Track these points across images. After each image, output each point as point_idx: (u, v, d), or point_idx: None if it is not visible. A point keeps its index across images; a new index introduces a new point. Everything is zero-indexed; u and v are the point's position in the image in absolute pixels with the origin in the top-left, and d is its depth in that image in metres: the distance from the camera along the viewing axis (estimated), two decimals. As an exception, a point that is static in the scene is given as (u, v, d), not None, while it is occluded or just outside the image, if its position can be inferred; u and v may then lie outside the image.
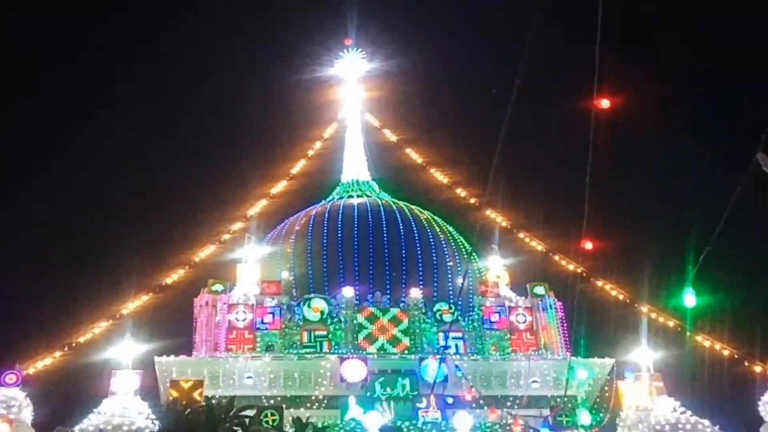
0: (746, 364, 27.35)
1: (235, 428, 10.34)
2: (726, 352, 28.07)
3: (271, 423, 10.75)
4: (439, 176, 37.49)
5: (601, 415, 28.19)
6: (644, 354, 28.23)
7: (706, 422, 24.98)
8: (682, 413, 25.55)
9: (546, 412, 27.82)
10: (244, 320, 29.24)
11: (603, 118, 13.43)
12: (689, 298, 14.45)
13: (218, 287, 30.16)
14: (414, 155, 38.57)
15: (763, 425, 25.46)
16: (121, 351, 26.19)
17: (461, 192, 36.15)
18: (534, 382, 28.59)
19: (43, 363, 26.03)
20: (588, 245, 17.07)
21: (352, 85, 40.85)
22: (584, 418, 27.02)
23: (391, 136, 39.66)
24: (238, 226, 33.96)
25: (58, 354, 26.72)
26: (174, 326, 29.52)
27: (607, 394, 28.43)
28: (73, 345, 27.16)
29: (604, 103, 13.54)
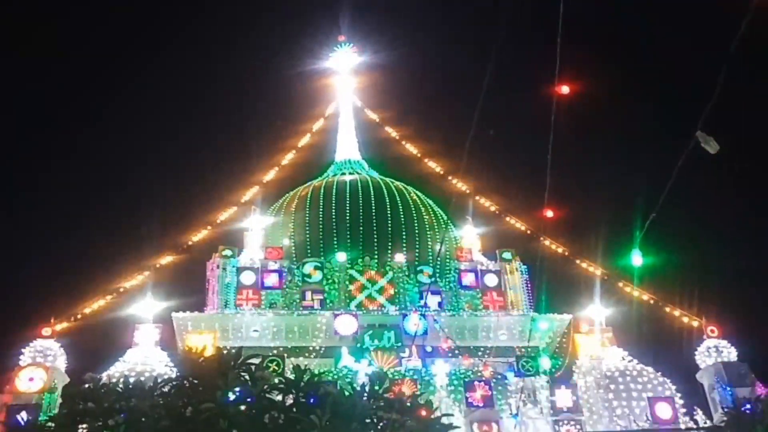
0: (685, 319, 27.38)
1: (243, 374, 10.00)
2: (668, 309, 28.08)
3: (273, 370, 10.51)
4: (433, 165, 37.43)
5: (560, 362, 28.28)
6: (597, 310, 28.26)
7: (650, 369, 25.04)
8: (629, 362, 25.62)
9: (512, 359, 27.88)
10: (250, 281, 29.27)
11: (564, 100, 13.29)
12: (636, 259, 14.36)
13: (228, 252, 30.25)
14: (410, 147, 38.50)
15: (699, 372, 25.51)
16: (143, 307, 26.13)
17: (446, 174, 35.92)
18: (502, 334, 28.69)
19: (74, 318, 25.79)
20: (549, 214, 16.90)
21: (344, 77, 40.94)
22: (545, 364, 27.05)
23: (389, 128, 39.28)
24: (247, 196, 33.73)
25: (87, 310, 26.50)
26: (189, 286, 29.46)
27: (565, 345, 28.54)
28: (101, 302, 26.92)
29: (564, 89, 13.39)
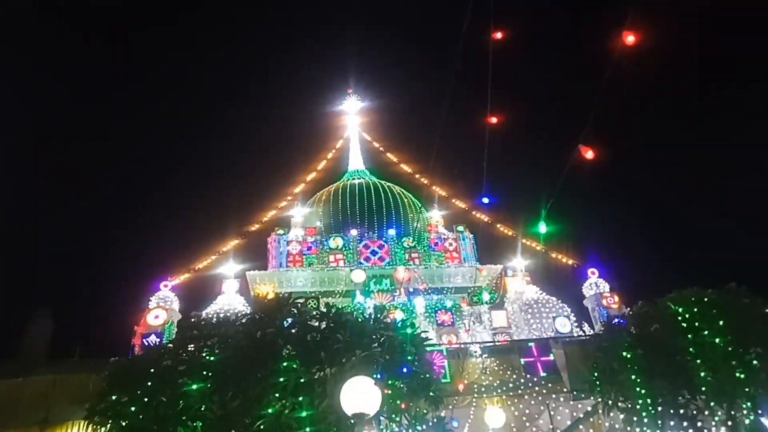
0: (576, 265, 27.48)
1: (292, 309, 9.95)
2: (564, 259, 28.16)
3: (312, 306, 10.52)
4: (406, 168, 37.30)
5: (495, 296, 28.28)
6: (519, 262, 28.31)
7: (554, 298, 25.02)
8: (541, 294, 25.59)
9: (465, 295, 27.96)
10: (296, 250, 29.20)
11: (494, 127, 13.29)
12: (542, 227, 14.35)
13: (281, 231, 30.14)
14: (397, 161, 38.32)
15: (585, 299, 25.57)
16: (227, 268, 26.11)
17: (421, 178, 35.93)
18: (458, 279, 28.67)
19: (183, 275, 25.83)
20: (485, 200, 16.88)
21: (352, 116, 40.86)
22: (485, 297, 27.15)
23: (382, 148, 39.29)
24: (292, 195, 33.76)
25: (192, 271, 26.51)
26: (256, 254, 29.41)
27: (498, 285, 28.53)
28: (200, 265, 26.96)
29: (493, 120, 13.31)
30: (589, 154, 9.98)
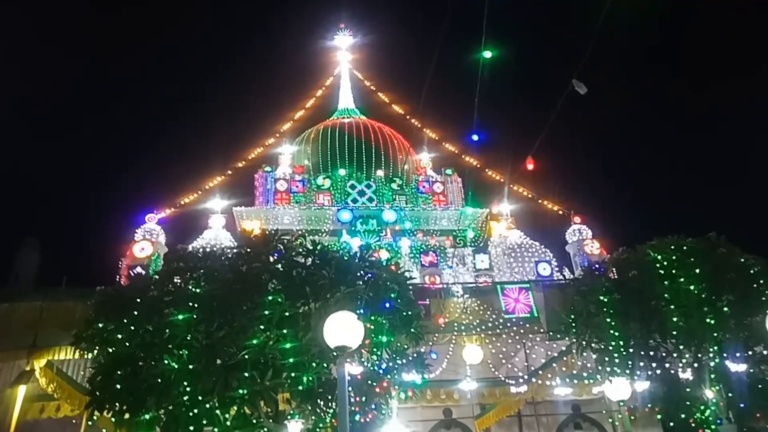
0: (561, 212, 27.72)
1: (279, 244, 9.96)
2: (549, 204, 28.39)
3: (299, 243, 10.56)
4: (397, 108, 36.69)
5: (479, 234, 28.65)
6: (504, 206, 28.50)
7: (537, 243, 25.37)
8: (524, 239, 25.91)
9: (450, 237, 28.23)
10: (283, 187, 29.06)
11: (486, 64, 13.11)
12: (530, 162, 14.31)
13: (268, 168, 29.91)
14: (387, 99, 37.53)
15: (567, 245, 25.95)
16: (215, 203, 25.98)
17: (411, 119, 35.39)
18: (444, 221, 28.89)
19: (169, 209, 25.69)
20: (475, 137, 16.75)
21: (344, 52, 39.76)
22: (470, 235, 27.54)
23: (373, 87, 38.43)
24: (281, 131, 33.19)
25: (179, 205, 26.36)
26: (244, 190, 29.24)
27: (483, 228, 28.84)
28: (187, 199, 26.79)
29: (487, 54, 13.11)
30: (582, 89, 9.88)
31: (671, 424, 13.38)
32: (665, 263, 11.97)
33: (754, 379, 11.53)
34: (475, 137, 15.64)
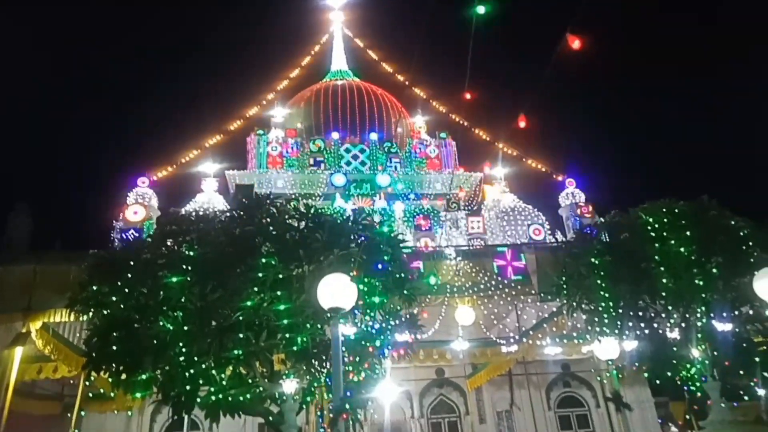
0: (554, 176, 27.76)
1: (272, 208, 9.92)
2: (543, 168, 28.41)
3: (292, 205, 10.52)
4: (389, 68, 36.15)
5: (473, 204, 28.69)
6: (498, 170, 28.47)
7: (530, 206, 25.46)
8: (517, 202, 25.98)
9: (444, 201, 28.27)
10: (276, 151, 28.82)
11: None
12: (522, 120, 14.23)
13: (261, 132, 29.57)
14: (378, 59, 36.92)
15: (560, 208, 26.05)
16: (207, 167, 25.81)
17: (406, 81, 34.93)
18: (438, 185, 28.79)
19: (161, 172, 25.51)
20: (467, 95, 16.54)
21: (336, 12, 39.00)
22: (460, 193, 27.56)
23: (367, 48, 37.69)
24: (274, 94, 32.74)
25: (170, 168, 26.16)
26: (236, 154, 29.01)
27: (477, 192, 28.84)
28: (180, 162, 26.59)
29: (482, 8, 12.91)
30: (576, 44, 9.74)
31: (657, 381, 13.74)
32: (656, 226, 12.03)
33: (738, 339, 11.76)
34: (467, 95, 15.49)
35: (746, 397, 12.83)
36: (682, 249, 11.72)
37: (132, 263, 9.39)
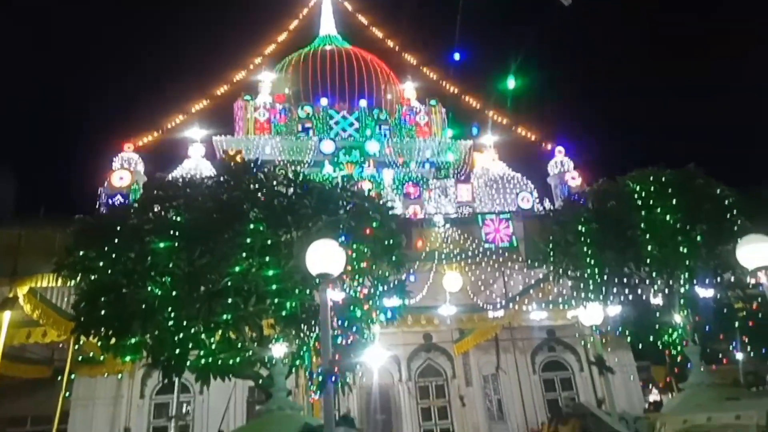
0: (544, 144, 27.73)
1: (260, 174, 9.83)
2: (533, 136, 28.35)
3: (280, 172, 10.43)
4: (378, 33, 35.55)
5: (462, 171, 28.61)
6: (488, 138, 28.39)
7: (519, 174, 25.53)
8: (507, 171, 26.01)
9: (433, 169, 28.19)
10: (263, 117, 28.40)
11: None
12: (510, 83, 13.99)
13: (248, 97, 29.05)
14: (367, 23, 36.18)
15: (549, 176, 26.12)
16: (194, 132, 25.47)
17: (395, 46, 34.40)
18: (428, 152, 28.58)
19: (147, 138, 25.15)
20: (456, 56, 16.23)
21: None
22: (450, 157, 27.48)
23: (357, 13, 36.92)
24: (261, 59, 32.13)
25: (156, 134, 25.79)
26: (223, 120, 28.58)
27: (467, 160, 28.74)
28: (166, 127, 26.20)
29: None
30: (567, 1, 9.63)
31: (640, 346, 14.05)
32: (643, 194, 12.12)
33: (719, 305, 12.02)
34: (456, 56, 15.32)
35: (725, 361, 13.22)
36: (667, 217, 11.85)
37: (118, 228, 9.29)
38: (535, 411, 18.93)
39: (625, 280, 12.63)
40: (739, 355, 12.50)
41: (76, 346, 14.52)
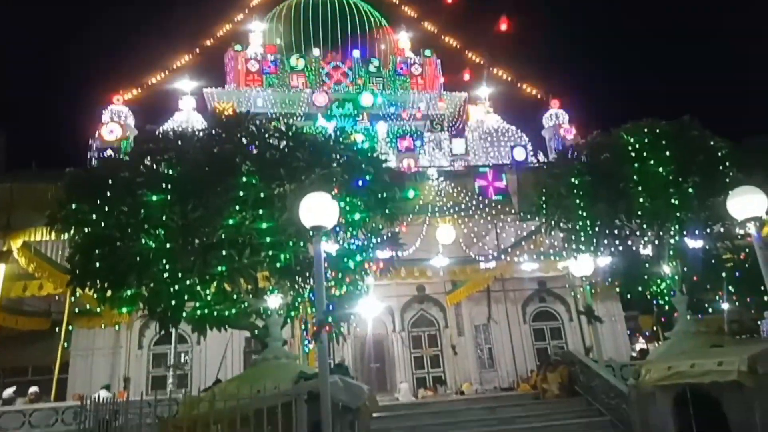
0: (539, 96, 27.43)
1: (251, 126, 9.70)
2: (528, 88, 28.01)
3: (272, 124, 10.27)
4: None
5: (457, 124, 28.36)
6: (484, 90, 28.04)
7: (513, 127, 25.37)
8: (501, 124, 25.80)
9: (427, 122, 27.84)
10: (255, 68, 27.77)
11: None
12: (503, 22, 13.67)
13: (239, 47, 28.31)
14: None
15: (543, 129, 25.98)
16: (184, 84, 24.98)
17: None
18: (422, 105, 28.11)
19: (136, 90, 24.65)
20: None
21: None
22: (441, 107, 27.23)
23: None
24: (251, 6, 31.20)
25: (147, 83, 25.27)
26: (213, 71, 27.96)
27: (461, 113, 28.44)
28: (155, 79, 25.64)
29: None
30: None
31: (628, 296, 14.34)
32: (637, 146, 12.06)
33: (708, 255, 12.17)
34: None
35: (711, 311, 13.52)
36: (660, 169, 11.83)
37: (110, 182, 9.21)
38: (525, 359, 19.46)
39: (616, 231, 12.73)
40: (725, 305, 12.77)
41: (73, 299, 14.67)
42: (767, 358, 9.41)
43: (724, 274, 11.95)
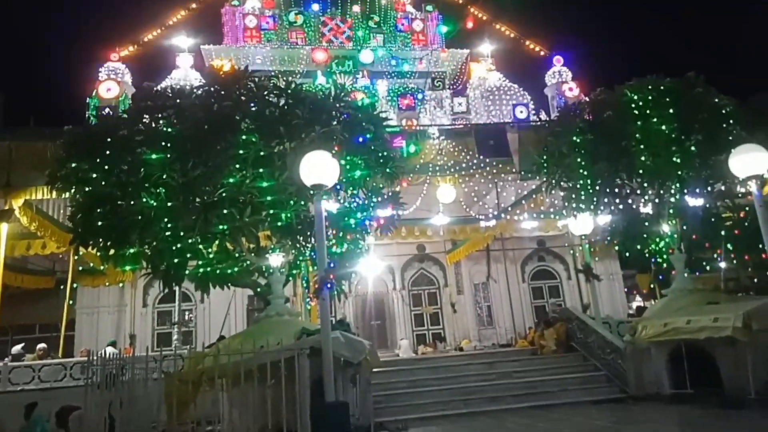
0: (542, 52, 26.89)
1: (249, 83, 9.57)
2: (530, 44, 27.42)
3: (271, 82, 10.09)
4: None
5: (458, 82, 27.90)
6: (486, 47, 27.52)
7: (516, 85, 24.98)
8: (503, 81, 25.37)
9: (428, 80, 27.40)
10: (252, 24, 27.06)
11: None
12: None
13: (236, 2, 27.50)
14: None
15: (546, 87, 25.54)
16: (181, 41, 24.53)
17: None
18: (423, 61, 27.53)
19: (133, 47, 24.16)
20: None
21: None
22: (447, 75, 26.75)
23: None
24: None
25: (144, 39, 24.73)
26: (211, 27, 27.23)
27: (463, 70, 27.93)
28: (151, 36, 25.08)
29: None
30: None
31: (627, 255, 14.42)
32: (641, 103, 11.91)
33: (708, 214, 12.20)
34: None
35: (708, 269, 13.64)
36: (663, 127, 11.73)
37: (109, 139, 9.15)
38: (523, 317, 19.76)
39: (616, 190, 12.72)
40: (722, 263, 12.87)
41: (76, 257, 14.78)
42: (762, 314, 9.57)
43: (723, 233, 12.00)
